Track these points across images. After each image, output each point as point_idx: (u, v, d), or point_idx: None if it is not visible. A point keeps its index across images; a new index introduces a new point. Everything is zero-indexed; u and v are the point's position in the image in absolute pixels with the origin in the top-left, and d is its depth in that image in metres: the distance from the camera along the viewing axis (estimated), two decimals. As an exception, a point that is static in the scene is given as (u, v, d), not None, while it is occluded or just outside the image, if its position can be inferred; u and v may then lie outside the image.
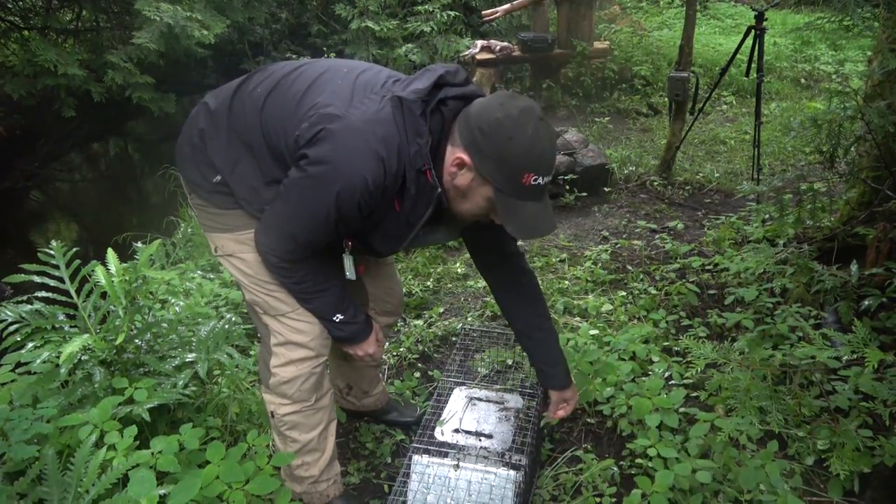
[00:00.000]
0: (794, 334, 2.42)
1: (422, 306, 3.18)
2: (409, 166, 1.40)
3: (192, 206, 1.74)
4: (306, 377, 1.74)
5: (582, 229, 4.07)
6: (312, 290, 1.63)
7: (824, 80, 7.30)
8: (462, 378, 2.20)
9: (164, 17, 5.56)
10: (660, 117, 6.47)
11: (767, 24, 3.97)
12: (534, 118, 1.35)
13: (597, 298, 3.07)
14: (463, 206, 1.48)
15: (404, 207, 1.47)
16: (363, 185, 1.36)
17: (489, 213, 1.48)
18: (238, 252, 1.67)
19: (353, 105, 1.41)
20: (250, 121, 1.53)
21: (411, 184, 1.42)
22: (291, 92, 1.50)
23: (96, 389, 1.78)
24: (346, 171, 1.36)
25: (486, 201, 1.43)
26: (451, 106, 1.43)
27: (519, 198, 1.39)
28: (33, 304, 1.84)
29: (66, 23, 7.93)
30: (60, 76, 5.94)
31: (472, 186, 1.42)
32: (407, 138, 1.38)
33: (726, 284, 3.03)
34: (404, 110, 1.38)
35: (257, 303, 1.71)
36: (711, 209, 4.24)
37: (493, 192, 1.39)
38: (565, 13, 7.07)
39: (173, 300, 2.47)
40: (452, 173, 1.43)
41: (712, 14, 10.05)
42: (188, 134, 1.65)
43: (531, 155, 1.35)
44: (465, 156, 1.38)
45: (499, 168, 1.36)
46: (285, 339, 1.70)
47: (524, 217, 1.41)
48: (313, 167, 1.39)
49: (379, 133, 1.37)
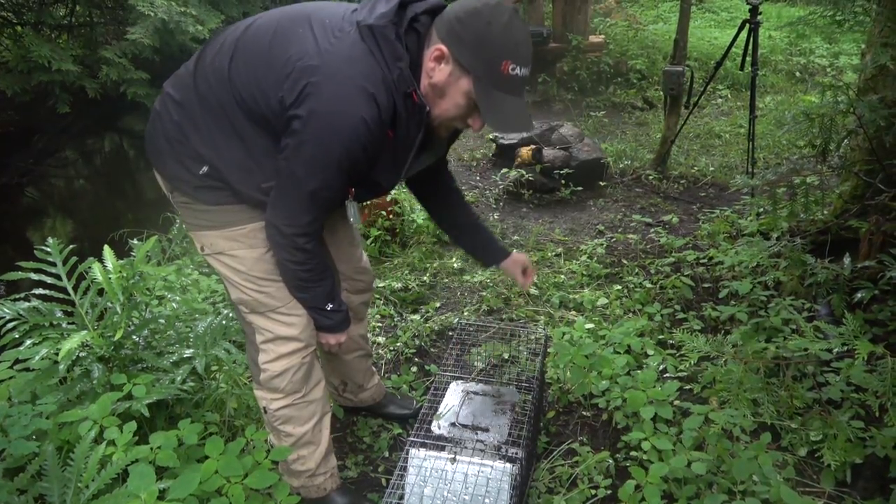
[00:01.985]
0: (788, 327, 2.44)
1: (418, 301, 3.20)
2: (396, 92, 1.39)
3: (175, 205, 1.67)
4: (297, 368, 1.74)
5: (578, 223, 4.09)
6: (316, 277, 1.63)
7: (819, 73, 7.32)
8: (458, 372, 2.22)
9: (159, 12, 5.54)
10: (655, 111, 6.48)
11: (762, 18, 3.98)
12: (509, 9, 1.37)
13: (592, 292, 3.09)
14: (441, 107, 1.46)
15: (398, 134, 1.47)
16: (364, 126, 1.36)
17: (467, 115, 1.47)
18: (228, 249, 1.63)
19: (326, 50, 1.37)
20: (222, 96, 1.49)
21: (401, 109, 1.42)
22: (255, 52, 1.46)
23: (95, 386, 1.79)
24: (345, 118, 1.35)
25: (465, 97, 1.42)
26: (423, 21, 1.43)
27: (498, 88, 1.38)
28: (31, 302, 1.85)
29: (60, 18, 7.88)
30: (55, 72, 5.90)
31: (450, 81, 1.40)
32: (388, 66, 1.37)
33: (721, 278, 3.05)
34: (378, 38, 1.37)
35: (245, 301, 1.68)
36: (706, 203, 4.26)
37: (471, 83, 1.38)
38: (560, 7, 7.06)
39: (170, 296, 2.48)
40: (431, 69, 1.41)
41: (707, 7, 10.05)
42: (161, 129, 1.58)
43: (509, 41, 1.35)
44: (443, 46, 1.38)
45: (477, 54, 1.36)
46: (274, 334, 1.70)
47: (503, 110, 1.40)
48: (311, 124, 1.37)
49: (361, 70, 1.35)
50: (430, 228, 3.73)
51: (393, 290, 3.20)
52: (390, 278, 3.31)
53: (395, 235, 3.70)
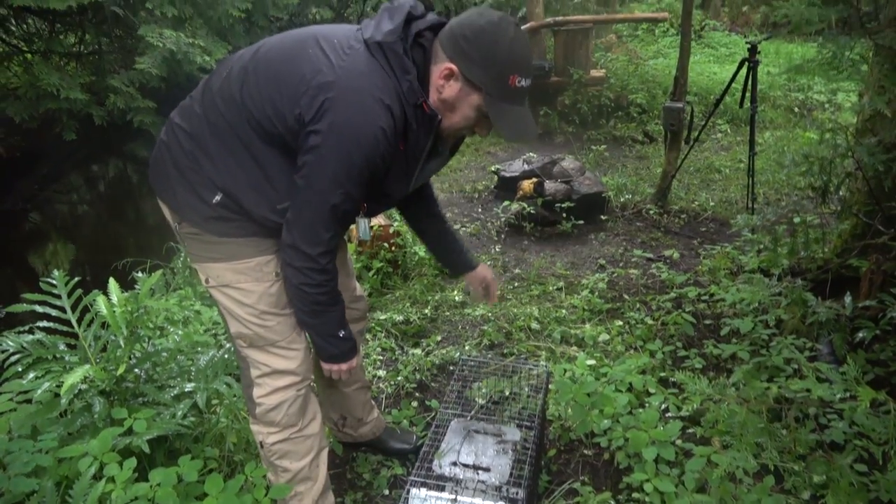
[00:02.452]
0: (790, 366, 2.43)
1: (419, 334, 3.20)
2: (407, 104, 1.45)
3: (181, 236, 1.67)
4: (292, 400, 1.74)
5: (579, 257, 4.10)
6: (332, 300, 1.62)
7: (817, 108, 7.40)
8: (460, 409, 2.21)
9: (167, 43, 5.64)
10: (655, 145, 6.54)
11: (761, 54, 4.05)
12: (512, 24, 1.44)
13: (594, 328, 3.09)
14: (451, 119, 1.52)
15: (409, 144, 1.52)
16: (382, 135, 1.41)
17: (474, 125, 1.54)
18: (235, 282, 1.63)
19: (339, 66, 1.42)
20: (233, 120, 1.51)
21: (412, 120, 1.48)
22: (266, 74, 1.49)
23: (96, 420, 1.79)
24: (364, 128, 1.40)
25: (474, 110, 1.49)
26: (427, 37, 1.49)
27: (506, 101, 1.46)
28: (35, 334, 1.86)
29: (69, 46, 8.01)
30: (63, 100, 6.00)
31: (459, 97, 1.47)
32: (398, 79, 1.43)
33: (722, 314, 3.06)
34: (387, 53, 1.44)
35: (244, 335, 1.68)
36: (707, 238, 4.28)
37: (481, 98, 1.46)
38: (562, 41, 7.18)
39: (172, 329, 2.48)
40: (440, 86, 1.47)
41: (707, 43, 10.20)
42: (170, 160, 1.59)
43: (514, 57, 1.43)
44: (452, 65, 1.44)
45: (487, 71, 1.43)
46: (271, 368, 1.70)
47: (512, 120, 1.48)
48: (331, 137, 1.40)
49: (375, 83, 1.41)
50: (431, 261, 3.75)
51: (394, 323, 3.20)
52: (392, 311, 3.31)
53: (397, 267, 3.71)
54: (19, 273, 6.12)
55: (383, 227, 3.63)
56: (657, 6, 11.53)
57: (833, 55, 1.78)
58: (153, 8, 5.96)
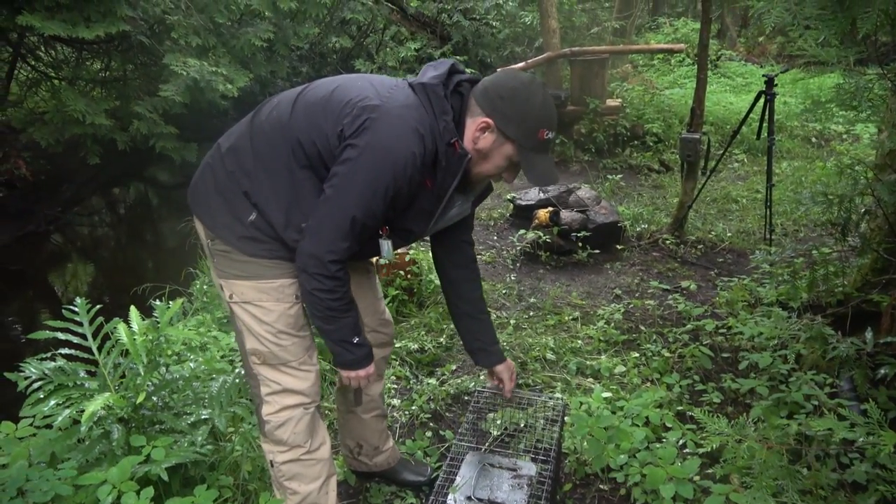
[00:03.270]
0: (810, 402, 2.40)
1: (434, 363, 3.19)
2: (440, 141, 1.58)
3: (212, 252, 1.74)
4: (299, 418, 1.78)
5: (595, 287, 4.09)
6: (345, 307, 1.67)
7: (835, 139, 7.37)
8: (474, 440, 2.20)
9: (191, 71, 5.76)
10: (672, 174, 6.55)
11: (777, 82, 4.06)
12: (540, 85, 1.64)
13: (609, 359, 3.07)
14: (483, 167, 1.67)
15: (437, 181, 1.64)
16: (413, 160, 1.53)
17: (504, 171, 1.69)
18: (257, 300, 1.71)
19: (384, 95, 1.58)
20: (277, 144, 1.63)
21: (442, 157, 1.60)
22: (315, 101, 1.63)
23: (114, 447, 1.80)
24: (398, 150, 1.52)
25: (505, 160, 1.65)
26: (466, 87, 1.66)
27: (535, 151, 1.63)
28: (56, 361, 1.88)
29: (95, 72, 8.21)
30: (88, 125, 6.12)
31: (493, 147, 1.63)
32: (436, 117, 1.58)
33: (740, 348, 3.03)
34: (429, 94, 1.59)
35: (259, 352, 1.74)
36: (724, 269, 4.25)
37: (514, 149, 1.62)
38: (578, 71, 7.25)
39: (191, 356, 2.50)
40: (476, 137, 1.62)
41: (723, 73, 10.24)
42: (212, 180, 1.70)
43: (544, 113, 1.61)
44: (488, 119, 1.60)
45: (520, 127, 1.60)
46: (281, 386, 1.75)
47: (540, 168, 1.65)
48: (366, 153, 1.52)
49: (415, 115, 1.56)
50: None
51: (409, 351, 3.20)
52: (407, 339, 3.32)
53: (413, 295, 3.72)
54: (40, 294, 6.22)
55: (399, 254, 3.65)
56: (673, 37, 11.62)
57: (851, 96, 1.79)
58: (178, 37, 6.10)
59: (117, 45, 7.34)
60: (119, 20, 5.66)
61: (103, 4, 5.58)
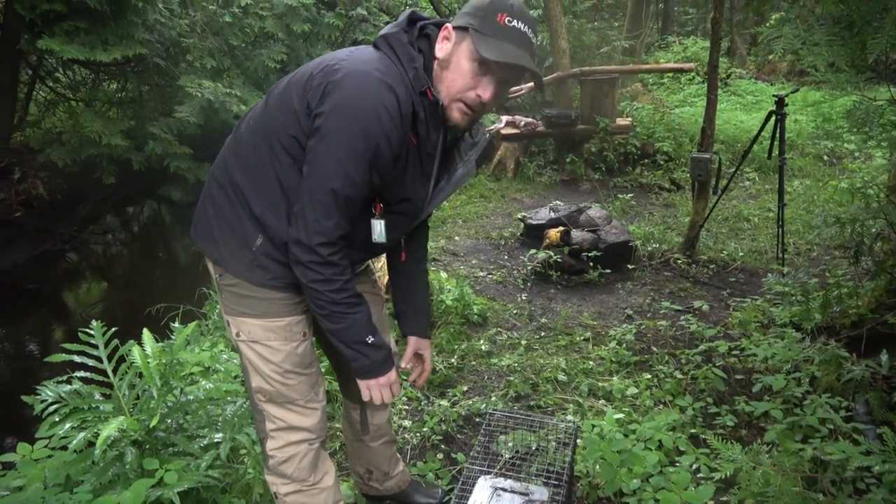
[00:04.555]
0: (825, 426, 2.38)
1: (445, 384, 3.19)
2: (414, 92, 1.46)
3: (220, 287, 1.69)
4: (303, 454, 1.76)
5: (606, 307, 4.08)
6: (351, 299, 1.56)
7: (847, 156, 7.34)
8: (486, 463, 2.19)
9: (206, 93, 5.86)
10: (683, 192, 6.54)
11: (788, 102, 4.06)
12: None
13: (621, 381, 3.06)
14: (448, 79, 1.48)
15: (420, 137, 1.52)
16: (385, 112, 1.41)
17: (474, 84, 1.47)
18: (264, 339, 1.66)
19: (343, 58, 1.48)
20: (258, 145, 1.56)
21: (419, 108, 1.48)
22: (281, 90, 1.56)
23: (127, 470, 1.81)
24: (365, 106, 1.40)
25: (468, 59, 1.45)
26: (432, 29, 1.54)
27: (496, 37, 1.43)
28: (72, 384, 1.90)
29: (112, 93, 8.36)
30: (104, 146, 6.23)
31: (453, 50, 1.47)
32: (403, 66, 1.47)
33: (753, 370, 3.00)
34: (392, 43, 1.49)
35: (265, 390, 1.70)
36: (736, 289, 4.23)
37: (471, 41, 1.43)
38: (589, 90, 7.28)
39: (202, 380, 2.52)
40: (439, 50, 1.49)
41: (733, 91, 10.24)
42: (212, 208, 1.65)
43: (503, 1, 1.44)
44: (448, 25, 1.48)
45: (473, 14, 1.44)
46: (286, 423, 1.72)
47: (503, 48, 1.43)
48: (333, 117, 1.41)
49: (378, 67, 1.44)
50: (458, 309, 3.76)
51: (420, 372, 3.20)
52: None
53: (424, 315, 3.72)
54: (55, 313, 6.28)
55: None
56: (683, 55, 11.66)
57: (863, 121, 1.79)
58: (193, 59, 6.23)
59: (133, 67, 7.48)
60: (136, 43, 5.79)
61: (121, 28, 5.70)
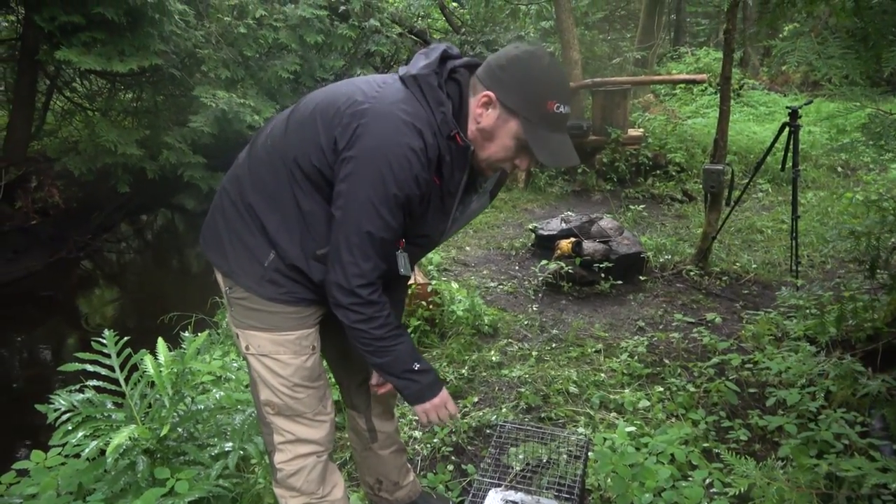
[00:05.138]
0: (840, 442, 2.35)
1: (456, 394, 3.18)
2: (440, 135, 1.45)
3: (230, 300, 1.68)
4: (311, 467, 1.76)
5: (617, 318, 4.06)
6: (393, 333, 1.56)
7: (862, 168, 7.29)
8: (497, 476, 2.18)
9: (220, 103, 5.91)
10: (695, 203, 6.51)
11: (801, 113, 4.04)
12: (545, 52, 1.46)
13: (633, 393, 3.03)
14: (490, 150, 1.50)
15: (444, 180, 1.51)
16: (412, 154, 1.41)
17: (514, 157, 1.50)
18: (274, 353, 1.66)
19: (372, 96, 1.46)
20: (277, 168, 1.54)
21: (445, 152, 1.47)
22: (305, 116, 1.53)
23: (139, 479, 1.82)
24: (394, 148, 1.40)
25: (512, 139, 1.46)
26: (462, 73, 1.52)
27: (545, 127, 1.44)
28: (85, 393, 1.92)
29: (127, 103, 8.46)
30: (119, 155, 6.30)
31: (498, 125, 1.46)
32: (431, 109, 1.45)
33: (767, 383, 2.97)
34: (422, 85, 1.46)
35: (274, 403, 1.69)
36: (749, 301, 4.19)
37: (519, 125, 1.44)
38: (600, 101, 7.29)
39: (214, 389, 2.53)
40: (478, 115, 1.47)
41: (746, 102, 10.21)
42: (223, 222, 1.64)
43: (551, 81, 1.43)
44: (490, 93, 1.44)
45: (523, 97, 1.42)
46: (295, 436, 1.72)
47: (553, 145, 1.45)
48: (363, 161, 1.41)
49: (406, 109, 1.43)
50: (469, 320, 3.75)
51: (431, 383, 3.19)
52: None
53: (435, 326, 3.72)
54: (69, 320, 6.33)
55: (421, 285, 3.67)
56: (695, 66, 11.65)
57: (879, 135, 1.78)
58: (208, 70, 6.29)
59: (149, 77, 7.58)
60: (152, 54, 5.86)
61: (137, 39, 5.77)
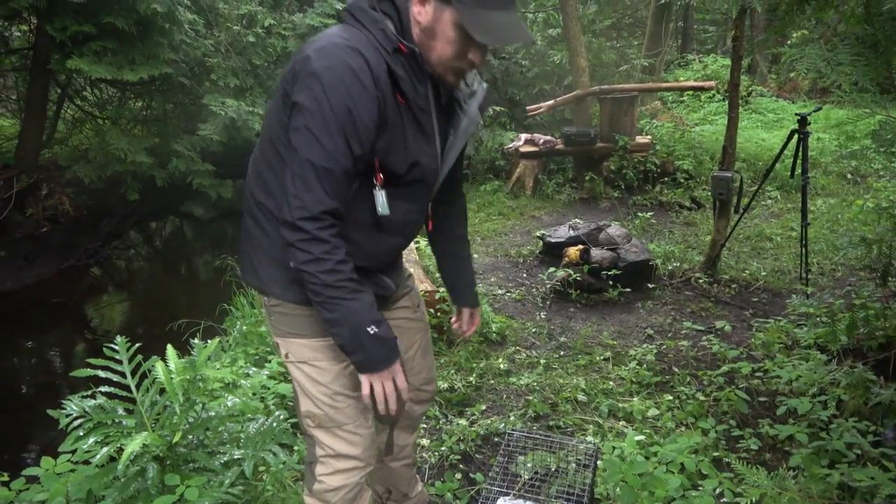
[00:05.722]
0: (852, 451, 2.33)
1: (464, 402, 3.17)
2: (384, 51, 1.43)
3: (268, 311, 1.70)
4: (351, 487, 1.74)
5: (626, 326, 4.04)
6: (342, 283, 1.45)
7: (872, 175, 7.25)
8: (505, 484, 2.17)
9: (229, 111, 5.95)
10: (703, 211, 6.49)
11: (810, 120, 4.03)
12: None
13: (642, 402, 3.02)
14: (437, 48, 1.45)
15: (407, 96, 1.47)
16: (349, 72, 1.37)
17: (464, 51, 1.45)
18: (312, 360, 1.66)
19: (314, 40, 1.46)
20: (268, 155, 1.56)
21: (395, 67, 1.44)
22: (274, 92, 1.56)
23: (149, 486, 1.82)
24: (331, 70, 1.37)
25: (454, 28, 1.41)
26: None
27: (481, 6, 1.39)
28: (96, 399, 1.92)
29: (137, 111, 8.53)
30: (129, 162, 6.34)
31: (435, 17, 1.42)
32: (368, 29, 1.44)
33: (777, 392, 2.95)
34: (354, 13, 1.47)
35: (315, 415, 1.69)
36: (759, 309, 4.17)
37: (454, 10, 1.39)
38: (608, 109, 7.29)
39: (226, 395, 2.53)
40: (417, 14, 1.44)
41: (754, 109, 10.19)
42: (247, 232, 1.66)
43: None
44: None
45: None
46: (335, 451, 1.70)
47: (490, 24, 1.39)
48: (303, 93, 1.40)
49: (343, 35, 1.43)
50: (477, 327, 3.74)
51: (439, 391, 3.19)
52: (436, 377, 3.30)
53: (442, 333, 3.72)
54: (79, 327, 6.37)
55: (429, 292, 3.67)
56: (703, 73, 11.63)
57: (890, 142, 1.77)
58: (217, 79, 6.34)
59: (159, 86, 7.64)
60: (162, 63, 5.91)
61: (148, 48, 5.83)
